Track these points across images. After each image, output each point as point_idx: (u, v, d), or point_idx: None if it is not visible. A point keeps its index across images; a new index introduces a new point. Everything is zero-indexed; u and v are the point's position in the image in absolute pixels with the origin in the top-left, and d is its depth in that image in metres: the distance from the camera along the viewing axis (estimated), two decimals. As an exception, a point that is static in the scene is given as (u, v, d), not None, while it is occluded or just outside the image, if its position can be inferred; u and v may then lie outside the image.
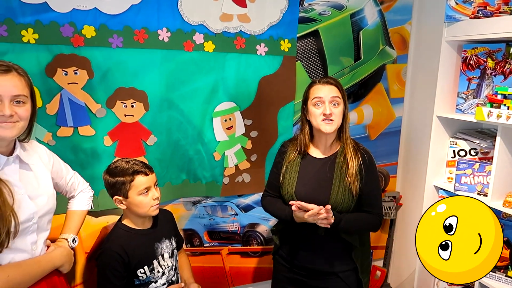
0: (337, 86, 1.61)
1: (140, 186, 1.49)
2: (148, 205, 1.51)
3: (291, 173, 1.65)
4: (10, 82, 1.15)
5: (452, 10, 1.80)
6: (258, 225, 2.23)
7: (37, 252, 1.27)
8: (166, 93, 1.86)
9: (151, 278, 1.55)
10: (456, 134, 1.97)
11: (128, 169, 1.49)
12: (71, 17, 1.64)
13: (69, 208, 1.53)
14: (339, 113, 1.58)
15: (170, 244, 1.63)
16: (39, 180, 1.30)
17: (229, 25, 1.93)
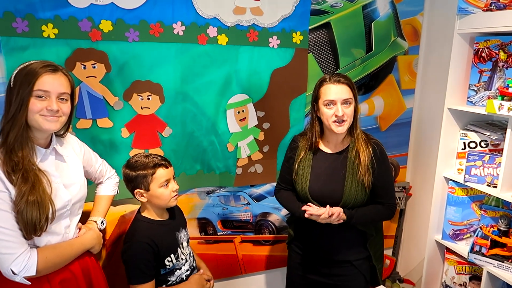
0: (349, 85, 1.58)
1: (161, 179, 1.54)
2: (168, 197, 1.57)
3: (303, 170, 1.67)
4: (58, 81, 1.25)
5: (464, 2, 1.80)
6: (270, 214, 2.28)
7: (70, 235, 1.38)
8: (181, 86, 1.90)
9: (176, 265, 1.62)
10: (467, 126, 1.99)
11: (148, 162, 1.54)
12: (89, 12, 1.68)
13: (97, 193, 1.65)
14: (351, 112, 1.58)
15: (185, 233, 1.71)
16: (72, 170, 1.40)
17: (242, 18, 1.95)
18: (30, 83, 1.20)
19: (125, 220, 1.97)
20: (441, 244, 2.09)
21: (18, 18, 1.58)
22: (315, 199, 1.64)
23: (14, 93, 1.19)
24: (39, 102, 1.22)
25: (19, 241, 1.19)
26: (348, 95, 1.56)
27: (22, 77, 1.20)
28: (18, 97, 1.19)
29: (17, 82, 1.20)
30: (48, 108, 1.24)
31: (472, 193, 1.97)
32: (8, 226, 1.16)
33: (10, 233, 1.17)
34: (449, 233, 2.04)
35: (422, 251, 2.38)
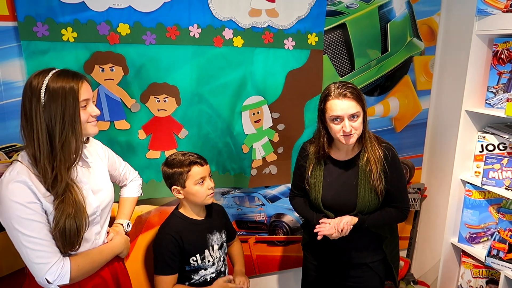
0: (355, 98, 1.51)
1: (196, 176, 1.58)
2: (204, 194, 1.61)
3: (316, 179, 1.66)
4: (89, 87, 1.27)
5: (484, 3, 1.77)
6: (284, 215, 2.29)
7: (99, 242, 1.38)
8: (197, 88, 1.91)
9: (201, 266, 1.65)
10: (485, 128, 1.96)
11: (185, 160, 1.59)
12: (107, 16, 1.70)
13: (122, 196, 1.66)
14: (359, 124, 1.53)
15: (220, 237, 1.71)
16: (98, 175, 1.40)
17: (258, 20, 1.95)
18: (74, 95, 1.19)
19: (142, 220, 2.00)
20: (457, 247, 2.08)
21: (39, 22, 1.61)
22: (328, 208, 1.64)
23: (55, 109, 1.17)
24: (83, 112, 1.24)
25: (52, 250, 1.20)
26: (354, 109, 1.50)
27: (61, 91, 1.17)
28: (67, 112, 1.18)
29: (56, 97, 1.17)
30: (93, 114, 1.27)
31: (489, 196, 1.95)
32: (41, 236, 1.17)
33: (43, 243, 1.18)
34: (465, 236, 2.02)
35: (437, 253, 2.37)
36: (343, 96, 1.50)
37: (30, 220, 1.16)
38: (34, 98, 1.17)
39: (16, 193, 1.15)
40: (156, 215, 2.03)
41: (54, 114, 1.17)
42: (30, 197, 1.16)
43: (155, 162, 1.92)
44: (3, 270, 1.72)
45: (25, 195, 1.16)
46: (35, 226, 1.17)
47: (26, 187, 1.16)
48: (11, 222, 1.16)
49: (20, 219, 1.15)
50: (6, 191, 1.15)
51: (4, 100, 1.64)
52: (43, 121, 1.17)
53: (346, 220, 1.57)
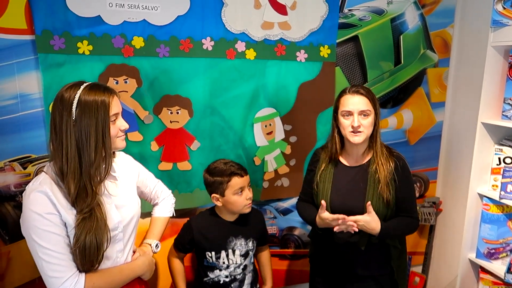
0: (367, 96, 1.56)
1: (236, 186, 1.61)
2: (242, 204, 1.63)
3: (324, 182, 1.66)
4: (118, 100, 1.25)
5: (499, 15, 1.76)
6: (296, 229, 2.26)
7: (121, 260, 1.33)
8: (210, 100, 1.92)
9: (216, 264, 1.66)
10: (502, 140, 1.92)
11: (226, 170, 1.62)
12: (122, 29, 1.73)
13: (153, 215, 1.60)
14: (368, 124, 1.56)
15: (245, 243, 1.70)
16: (124, 190, 1.36)
17: (270, 32, 1.97)
18: (105, 109, 1.18)
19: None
20: (475, 263, 2.02)
21: (56, 35, 1.64)
22: (335, 212, 1.61)
23: (88, 122, 1.15)
24: (113, 126, 1.22)
25: (67, 265, 1.17)
26: (365, 107, 1.54)
27: (94, 104, 1.16)
28: (99, 128, 1.16)
29: (88, 110, 1.15)
30: (122, 129, 1.25)
31: (508, 210, 1.90)
32: (57, 249, 1.15)
33: (59, 256, 1.15)
34: (483, 252, 1.97)
35: (453, 269, 2.31)
36: (356, 92, 1.56)
37: (47, 232, 1.14)
38: (65, 112, 1.15)
39: (35, 203, 1.14)
40: (168, 227, 2.01)
41: (85, 128, 1.15)
42: (49, 208, 1.14)
43: (167, 173, 1.93)
44: (15, 281, 1.73)
45: (45, 205, 1.14)
46: (52, 238, 1.14)
47: (46, 197, 1.14)
48: (30, 232, 1.15)
49: (38, 229, 1.14)
50: (27, 201, 1.15)
51: (21, 112, 1.67)
52: (73, 135, 1.15)
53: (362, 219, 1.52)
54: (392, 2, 2.17)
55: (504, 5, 1.74)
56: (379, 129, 1.62)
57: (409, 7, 2.21)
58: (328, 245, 1.69)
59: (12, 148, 1.68)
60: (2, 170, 1.68)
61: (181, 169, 1.94)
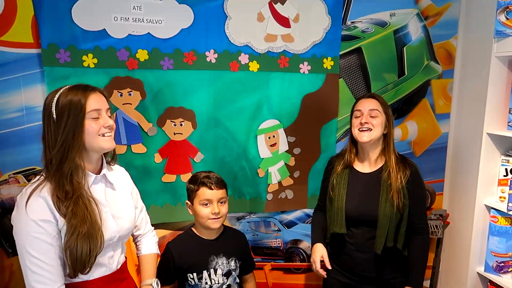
0: (379, 99, 1.67)
1: (202, 197, 1.59)
2: (205, 216, 1.59)
3: (339, 188, 1.69)
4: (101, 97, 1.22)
5: (502, 25, 1.76)
6: (301, 242, 2.23)
7: (114, 266, 1.29)
8: (213, 112, 1.93)
9: (198, 286, 1.62)
10: (509, 151, 1.90)
11: (198, 179, 1.61)
12: (126, 42, 1.76)
13: (141, 253, 1.51)
14: (377, 124, 1.62)
15: (227, 262, 1.66)
16: (122, 200, 1.33)
17: (273, 45, 1.98)
18: (81, 107, 1.15)
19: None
20: (484, 277, 1.97)
21: (61, 49, 1.67)
22: (350, 217, 1.65)
23: (63, 122, 1.14)
24: (94, 123, 1.18)
25: (53, 278, 1.12)
26: (374, 106, 1.63)
27: (68, 103, 1.14)
28: (69, 124, 1.14)
29: (64, 110, 1.14)
30: (106, 125, 1.20)
31: (516, 222, 1.86)
32: (45, 259, 1.11)
33: (45, 267, 1.11)
34: (492, 265, 1.92)
35: (462, 283, 2.25)
36: (369, 96, 1.69)
37: (38, 239, 1.10)
38: (46, 116, 1.15)
39: (32, 208, 1.10)
40: (171, 239, 2.00)
41: (62, 128, 1.14)
42: (46, 215, 1.11)
43: (171, 185, 1.92)
44: (18, 294, 1.72)
45: (41, 211, 1.11)
46: (42, 246, 1.10)
47: (45, 203, 1.11)
48: (21, 238, 1.11)
49: (28, 236, 1.10)
50: (23, 204, 1.11)
51: (26, 124, 1.69)
52: (54, 138, 1.14)
53: None
54: (395, 14, 2.18)
55: (507, 15, 1.74)
56: (393, 137, 1.68)
57: (412, 19, 2.21)
58: (344, 245, 1.71)
59: (17, 160, 1.70)
60: (6, 182, 1.69)
61: (184, 181, 1.94)
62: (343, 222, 1.65)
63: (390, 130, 1.66)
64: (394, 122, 1.81)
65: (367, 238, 1.62)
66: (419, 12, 2.21)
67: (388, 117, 1.66)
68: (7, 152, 1.68)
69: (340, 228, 1.65)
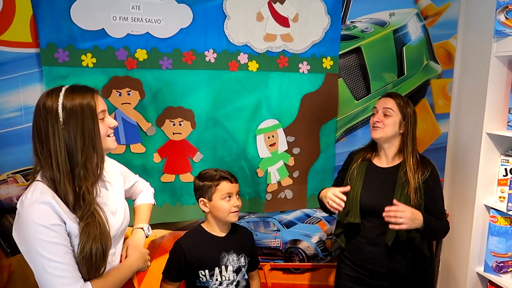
0: (395, 99, 1.69)
1: (223, 191, 1.59)
2: (227, 211, 1.60)
3: (356, 179, 1.72)
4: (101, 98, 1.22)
5: (501, 25, 1.75)
6: (300, 242, 2.23)
7: (116, 263, 1.30)
8: (212, 112, 1.93)
9: (209, 283, 1.62)
10: (508, 151, 1.90)
11: (215, 175, 1.61)
12: (125, 42, 1.75)
13: (136, 203, 1.56)
14: (389, 123, 1.66)
15: (237, 259, 1.66)
16: (116, 196, 1.33)
17: (273, 44, 1.98)
18: (93, 109, 1.14)
19: (155, 245, 1.98)
20: (484, 277, 1.97)
21: (60, 49, 1.66)
22: (364, 208, 1.67)
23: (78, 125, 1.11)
24: (102, 124, 1.17)
25: (75, 276, 1.12)
26: (389, 105, 1.67)
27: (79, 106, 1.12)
28: (86, 127, 1.12)
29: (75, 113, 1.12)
30: (112, 126, 1.20)
31: (516, 222, 1.86)
32: (64, 261, 1.10)
33: (66, 268, 1.10)
34: (492, 265, 1.92)
35: (461, 283, 2.25)
36: (387, 95, 1.73)
37: (55, 244, 1.09)
38: (51, 118, 1.11)
39: (40, 215, 1.08)
40: (170, 239, 2.00)
41: (74, 131, 1.11)
42: (55, 219, 1.10)
43: (170, 185, 1.92)
44: (16, 294, 1.72)
45: (50, 217, 1.09)
46: (59, 250, 1.09)
47: (51, 208, 1.09)
48: (34, 246, 1.08)
49: (44, 242, 1.08)
50: (29, 213, 1.08)
51: (24, 124, 1.69)
52: (62, 140, 1.11)
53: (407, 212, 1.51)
54: (394, 14, 2.18)
55: (507, 15, 1.74)
56: (412, 136, 1.69)
57: (412, 19, 2.21)
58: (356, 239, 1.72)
59: (15, 160, 1.69)
60: (5, 182, 1.69)
61: (183, 181, 1.94)
62: (357, 212, 1.67)
63: (408, 130, 1.68)
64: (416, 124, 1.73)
65: (379, 232, 1.64)
66: (419, 11, 2.21)
67: (405, 117, 1.68)
68: (5, 151, 1.68)
69: (354, 218, 1.67)
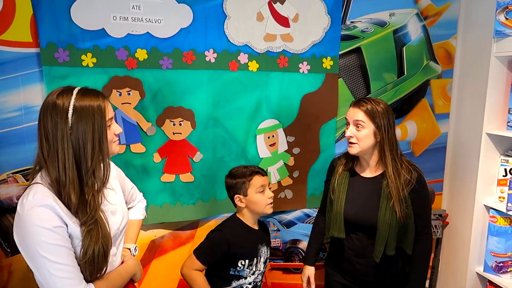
0: (364, 108, 1.54)
1: (257, 184, 1.64)
2: (264, 203, 1.65)
3: (339, 191, 1.65)
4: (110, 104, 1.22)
5: (501, 25, 1.76)
6: (300, 242, 2.23)
7: (117, 263, 1.31)
8: (212, 112, 1.93)
9: (245, 272, 1.66)
10: (508, 151, 1.90)
11: (247, 171, 1.67)
12: (125, 42, 1.75)
13: None
14: (363, 136, 1.55)
15: (267, 251, 1.74)
16: (115, 196, 1.33)
17: (273, 44, 1.98)
18: (104, 114, 1.14)
19: (155, 245, 1.98)
20: (483, 277, 1.97)
21: (60, 48, 1.66)
22: (349, 222, 1.63)
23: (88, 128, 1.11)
24: (108, 130, 1.17)
25: (78, 277, 1.12)
26: (358, 117, 1.55)
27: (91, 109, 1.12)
28: (97, 131, 1.12)
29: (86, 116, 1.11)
30: (117, 133, 1.21)
31: (515, 222, 1.86)
32: (68, 262, 1.10)
33: (70, 269, 1.10)
34: (491, 265, 1.92)
35: (461, 283, 2.25)
36: (356, 104, 1.58)
37: (58, 246, 1.09)
38: (60, 119, 1.09)
39: (42, 218, 1.07)
40: (170, 239, 2.01)
41: (82, 134, 1.10)
42: (57, 222, 1.09)
43: (170, 185, 1.92)
44: (16, 294, 1.72)
45: (52, 219, 1.08)
46: (63, 252, 1.09)
47: (52, 211, 1.08)
48: (37, 249, 1.07)
49: (47, 245, 1.07)
50: (30, 217, 1.07)
51: (24, 124, 1.69)
52: (70, 143, 1.10)
53: None
54: (394, 14, 2.18)
55: (507, 15, 1.74)
56: (389, 143, 1.56)
57: (412, 19, 2.21)
58: (342, 252, 1.70)
59: (15, 160, 1.69)
60: (5, 182, 1.69)
61: (183, 180, 1.94)
62: (341, 226, 1.62)
63: (384, 137, 1.55)
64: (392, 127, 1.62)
65: (367, 245, 1.60)
66: (419, 12, 2.22)
67: (378, 125, 1.54)
68: (5, 151, 1.68)
69: (338, 233, 1.62)
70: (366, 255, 1.61)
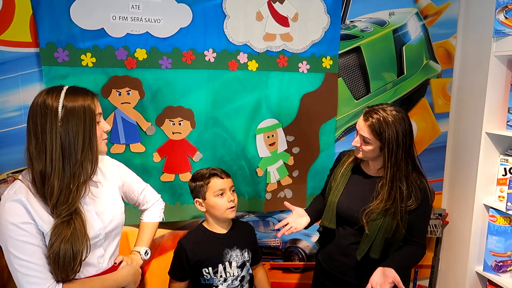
0: (371, 127, 1.49)
1: (215, 188, 1.61)
2: (223, 207, 1.61)
3: (339, 183, 1.67)
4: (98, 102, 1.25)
5: (501, 24, 1.75)
6: (300, 241, 2.23)
7: (104, 266, 1.29)
8: (212, 111, 1.93)
9: (214, 280, 1.63)
10: (507, 151, 1.90)
11: (205, 173, 1.64)
12: (125, 41, 1.75)
13: (142, 220, 1.56)
14: (368, 150, 1.53)
15: (241, 254, 1.68)
16: (106, 196, 1.32)
17: (272, 44, 1.98)
18: (93, 111, 1.17)
19: (155, 245, 1.98)
20: (483, 276, 1.97)
21: (59, 48, 1.66)
22: (341, 214, 1.64)
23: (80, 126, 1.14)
24: (98, 128, 1.21)
25: (44, 276, 1.12)
26: (365, 133, 1.51)
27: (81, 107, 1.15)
28: (87, 128, 1.15)
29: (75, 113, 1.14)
30: (105, 130, 1.24)
31: (515, 222, 1.86)
32: (33, 260, 1.11)
33: (34, 267, 1.11)
34: (491, 265, 1.92)
35: (461, 282, 2.25)
36: (365, 117, 1.53)
37: (23, 242, 1.10)
38: (50, 115, 1.12)
39: (10, 212, 1.10)
40: (169, 239, 2.01)
41: (72, 131, 1.13)
42: (24, 217, 1.11)
43: (169, 185, 1.92)
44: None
45: (20, 215, 1.10)
46: (28, 248, 1.11)
47: (22, 206, 1.11)
48: (6, 243, 1.11)
49: (13, 240, 1.10)
50: (2, 211, 1.11)
51: (24, 124, 1.65)
52: (58, 137, 1.12)
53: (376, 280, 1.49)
54: (394, 13, 2.18)
55: (506, 14, 1.74)
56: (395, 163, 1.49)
57: (411, 18, 2.21)
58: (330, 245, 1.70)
59: (15, 160, 1.69)
60: (4, 182, 1.69)
61: (183, 180, 1.94)
62: (333, 217, 1.64)
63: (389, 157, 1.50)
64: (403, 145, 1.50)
65: (352, 241, 1.59)
66: (418, 11, 2.21)
67: (385, 142, 1.48)
68: (5, 151, 1.68)
69: (329, 223, 1.64)
70: (349, 254, 1.61)
